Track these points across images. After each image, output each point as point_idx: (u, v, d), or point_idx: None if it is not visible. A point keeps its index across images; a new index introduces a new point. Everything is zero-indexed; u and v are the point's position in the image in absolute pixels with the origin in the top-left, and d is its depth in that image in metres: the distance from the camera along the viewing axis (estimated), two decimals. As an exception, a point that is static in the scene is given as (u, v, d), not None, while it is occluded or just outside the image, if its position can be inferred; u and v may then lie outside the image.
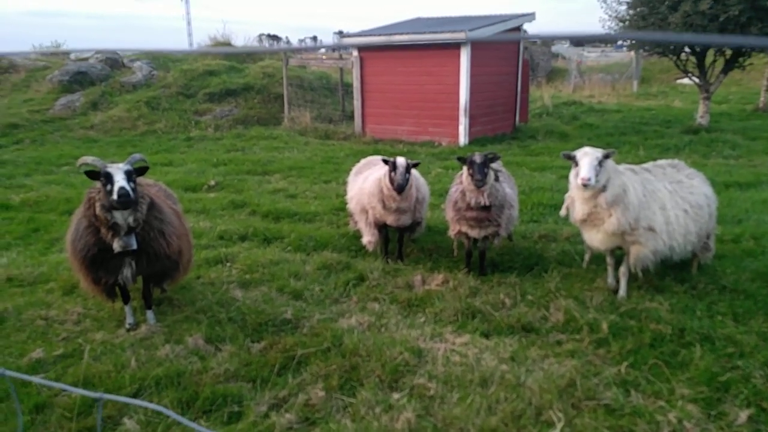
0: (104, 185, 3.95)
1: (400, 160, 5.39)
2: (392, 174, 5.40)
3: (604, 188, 4.54)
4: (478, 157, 5.05)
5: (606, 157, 4.51)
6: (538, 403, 3.43)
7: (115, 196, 3.85)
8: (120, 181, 3.88)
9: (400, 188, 5.35)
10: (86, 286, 4.44)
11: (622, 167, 4.88)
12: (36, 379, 1.89)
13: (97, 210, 3.99)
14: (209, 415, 3.43)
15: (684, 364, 3.87)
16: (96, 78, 17.44)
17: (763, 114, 17.11)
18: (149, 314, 4.62)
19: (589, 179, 4.37)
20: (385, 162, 5.51)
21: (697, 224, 4.88)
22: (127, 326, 4.52)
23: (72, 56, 20.77)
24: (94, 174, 4.02)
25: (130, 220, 4.04)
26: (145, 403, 1.48)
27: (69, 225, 4.40)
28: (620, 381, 3.70)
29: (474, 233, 5.39)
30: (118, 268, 4.22)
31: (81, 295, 5.06)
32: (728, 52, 13.75)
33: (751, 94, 21.65)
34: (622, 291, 4.94)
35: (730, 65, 13.93)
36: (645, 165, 5.19)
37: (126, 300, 4.56)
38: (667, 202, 4.79)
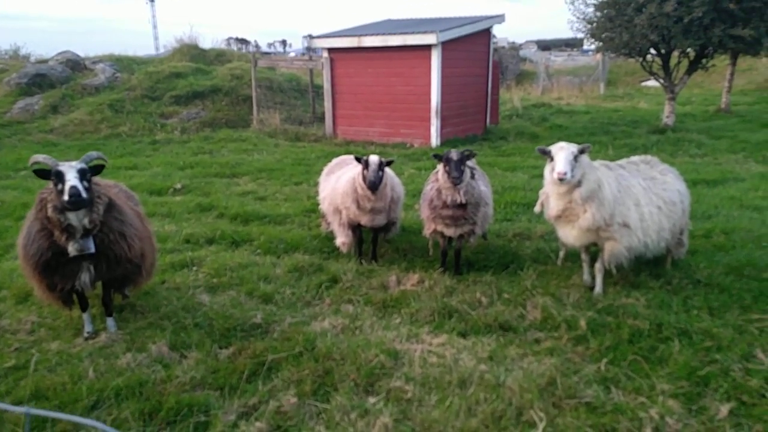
0: (55, 185, 3.69)
1: (373, 158, 5.25)
2: (365, 171, 5.26)
3: (579, 183, 4.48)
4: (454, 154, 4.95)
5: (581, 152, 4.45)
6: (519, 403, 3.33)
7: (65, 197, 3.60)
8: (71, 180, 3.63)
9: (373, 186, 5.22)
10: (41, 294, 4.17)
11: (596, 163, 4.83)
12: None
13: (49, 211, 3.74)
14: (173, 426, 3.22)
15: (663, 359, 3.82)
16: (56, 80, 16.84)
17: (725, 114, 17.56)
18: (110, 321, 4.37)
19: (565, 173, 4.30)
20: (358, 160, 5.37)
21: (670, 220, 4.87)
22: (86, 335, 4.26)
23: (32, 59, 20.08)
24: (44, 173, 3.76)
25: (86, 221, 3.79)
26: (74, 418, 1.30)
27: (21, 229, 4.13)
28: (600, 378, 3.63)
29: (450, 232, 5.28)
30: (74, 273, 3.96)
31: (35, 303, 4.77)
32: (692, 54, 14.04)
33: (713, 95, 22.24)
34: (598, 287, 4.89)
35: (693, 66, 14.23)
36: (619, 162, 5.17)
37: (84, 307, 4.30)
38: (642, 198, 4.75)
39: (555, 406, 3.33)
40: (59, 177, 3.67)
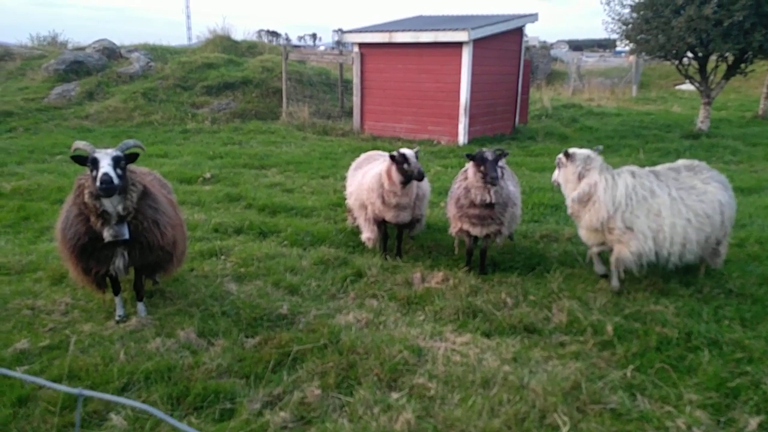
0: (91, 171, 3.79)
1: (408, 151, 5.24)
2: (405, 166, 5.22)
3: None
4: (489, 154, 4.93)
5: (566, 155, 4.94)
6: (542, 406, 3.31)
7: (98, 183, 3.69)
8: (105, 167, 3.71)
9: (421, 175, 5.17)
10: (76, 276, 4.29)
11: (623, 168, 4.88)
12: (14, 373, 1.74)
13: (86, 197, 3.84)
14: (200, 412, 3.29)
15: (691, 368, 3.76)
16: (93, 68, 17.22)
17: (763, 121, 17.08)
18: (140, 306, 4.48)
19: (553, 181, 4.97)
20: (393, 158, 5.30)
21: (701, 233, 4.74)
22: (117, 318, 4.37)
23: (69, 46, 20.54)
24: (81, 159, 3.86)
25: (120, 208, 3.88)
26: (128, 401, 1.35)
27: (60, 213, 4.25)
28: (626, 385, 3.58)
29: (476, 231, 5.26)
30: (109, 258, 4.07)
31: (70, 285, 4.90)
32: (730, 58, 13.69)
33: (750, 101, 21.65)
34: (614, 281, 4.98)
35: (731, 71, 13.87)
36: (658, 167, 5.08)
37: (116, 291, 4.41)
38: (665, 209, 4.69)
39: (579, 411, 3.31)
40: (94, 164, 3.76)
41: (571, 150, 5.06)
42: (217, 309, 4.53)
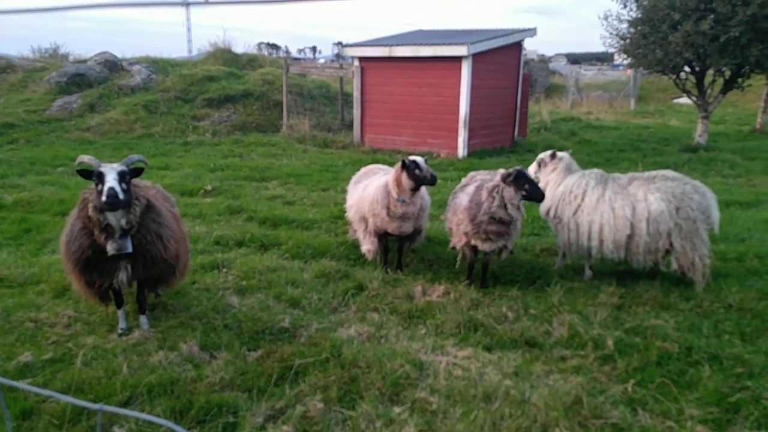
0: (96, 185, 3.83)
1: (418, 158, 5.35)
2: (417, 171, 5.28)
3: None
4: (526, 172, 5.06)
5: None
6: (544, 421, 3.32)
7: (103, 197, 3.73)
8: (110, 181, 3.75)
9: (435, 179, 5.30)
10: (79, 289, 4.31)
11: (587, 171, 5.68)
12: (35, 389, 1.75)
13: (90, 211, 3.87)
14: (203, 426, 3.30)
15: (692, 383, 3.77)
16: (94, 80, 17.33)
17: (761, 135, 17.20)
18: (143, 319, 4.49)
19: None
20: (403, 164, 5.34)
21: (620, 234, 5.20)
22: (120, 331, 4.38)
23: (70, 58, 20.68)
24: (87, 173, 3.89)
25: (123, 222, 3.92)
26: (152, 418, 1.36)
27: (64, 226, 4.28)
28: (627, 399, 3.60)
29: (485, 246, 5.27)
30: (112, 272, 4.09)
31: (72, 297, 4.92)
32: (727, 73, 13.82)
33: (748, 115, 21.81)
34: (587, 271, 5.75)
35: (728, 86, 14.00)
36: (632, 174, 5.59)
37: (119, 304, 4.43)
38: (588, 208, 5.39)
39: (581, 426, 3.32)
40: (100, 178, 3.80)
41: (559, 153, 5.98)
42: (219, 322, 4.55)
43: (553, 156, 5.95)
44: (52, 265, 5.66)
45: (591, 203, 5.39)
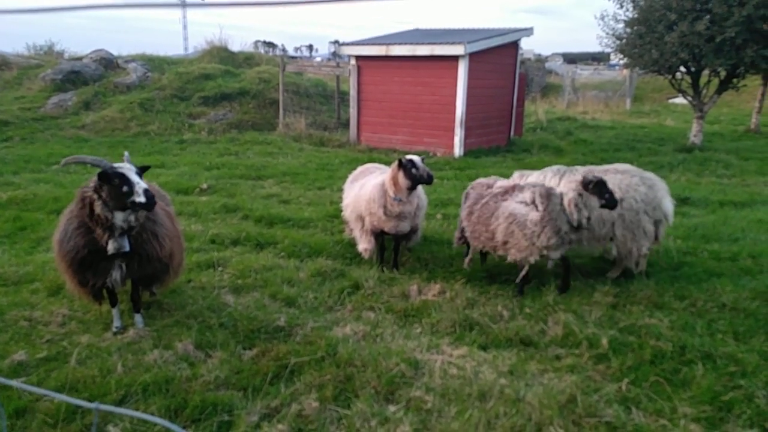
0: (119, 186, 3.76)
1: (415, 157, 5.37)
2: (414, 170, 5.29)
3: None
4: (606, 180, 4.99)
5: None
6: (539, 419, 3.33)
7: (141, 198, 3.72)
8: (141, 182, 3.77)
9: (431, 178, 5.32)
10: (73, 288, 4.29)
11: (549, 167, 5.90)
12: (29, 387, 1.75)
13: (98, 210, 3.84)
14: (198, 424, 3.30)
15: (686, 382, 3.79)
16: (90, 78, 17.26)
17: (755, 135, 17.28)
18: (137, 318, 4.48)
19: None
20: (400, 163, 5.35)
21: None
22: (114, 330, 4.37)
23: (66, 55, 20.59)
24: (106, 176, 3.78)
25: (131, 219, 3.92)
26: (147, 416, 1.36)
27: (57, 225, 4.26)
28: (621, 398, 3.61)
29: (557, 254, 5.16)
30: (107, 271, 4.08)
31: (67, 296, 4.90)
32: (723, 73, 13.87)
33: (742, 115, 21.91)
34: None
35: (724, 86, 14.05)
36: (592, 167, 5.82)
37: (113, 303, 4.42)
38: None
39: (575, 424, 3.33)
40: (123, 178, 3.76)
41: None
42: (214, 321, 4.55)
43: None
44: (47, 263, 5.64)
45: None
